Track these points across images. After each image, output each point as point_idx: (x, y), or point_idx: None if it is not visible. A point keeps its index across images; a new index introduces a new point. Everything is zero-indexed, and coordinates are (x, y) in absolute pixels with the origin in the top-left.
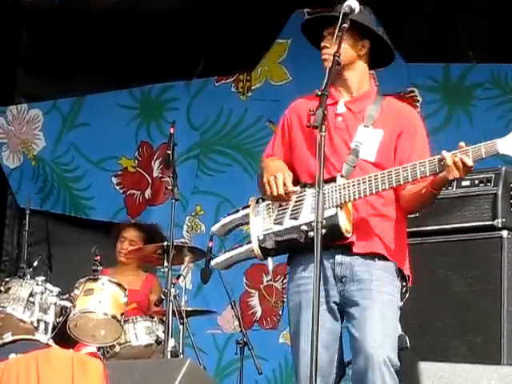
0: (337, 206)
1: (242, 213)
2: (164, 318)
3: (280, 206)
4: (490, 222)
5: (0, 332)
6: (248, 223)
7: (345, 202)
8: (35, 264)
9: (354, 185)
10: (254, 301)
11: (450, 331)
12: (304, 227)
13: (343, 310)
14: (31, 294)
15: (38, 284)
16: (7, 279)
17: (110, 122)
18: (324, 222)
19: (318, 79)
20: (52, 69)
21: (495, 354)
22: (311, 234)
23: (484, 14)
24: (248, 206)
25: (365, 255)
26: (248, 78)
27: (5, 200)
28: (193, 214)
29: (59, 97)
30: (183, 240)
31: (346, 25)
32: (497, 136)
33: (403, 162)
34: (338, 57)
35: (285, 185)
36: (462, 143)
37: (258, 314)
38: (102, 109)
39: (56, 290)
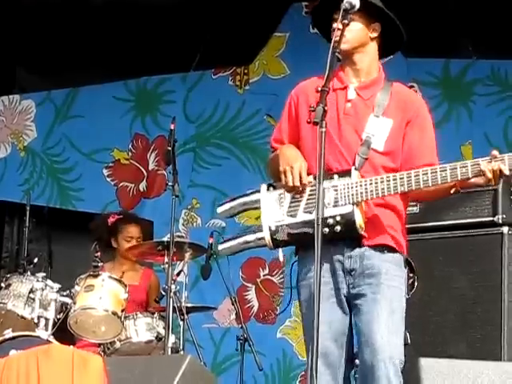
0: (353, 204)
1: (252, 197)
2: (164, 315)
3: (293, 196)
4: (491, 218)
5: (0, 328)
6: (256, 208)
7: (362, 200)
8: (35, 260)
9: (371, 183)
10: (251, 295)
11: (451, 327)
12: (330, 220)
13: (352, 302)
14: (31, 291)
15: (38, 280)
16: (7, 275)
17: (104, 114)
18: (340, 218)
19: (316, 73)
20: (47, 60)
21: (495, 350)
22: (326, 229)
23: (485, 9)
24: (257, 191)
25: (374, 247)
26: (245, 71)
27: None
28: (189, 207)
29: (53, 88)
30: (179, 233)
31: (346, 20)
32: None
33: (412, 150)
34: (339, 53)
35: (301, 176)
36: (495, 152)
37: (255, 309)
38: (97, 101)
39: (56, 286)
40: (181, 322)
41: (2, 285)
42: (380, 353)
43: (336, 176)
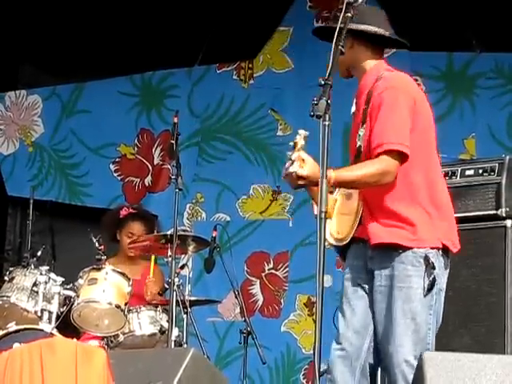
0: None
1: None
2: (168, 308)
3: None
4: (494, 212)
5: (4, 321)
6: None
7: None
8: (39, 253)
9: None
10: (256, 289)
11: (454, 321)
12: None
13: (373, 302)
14: (35, 284)
15: (41, 273)
16: (11, 269)
17: (109, 109)
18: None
19: (320, 67)
20: (52, 56)
21: (499, 343)
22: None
23: (488, 2)
24: None
25: (386, 249)
26: (250, 65)
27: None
28: (193, 201)
29: (59, 83)
30: (184, 227)
31: (349, 14)
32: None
33: (369, 140)
34: (342, 46)
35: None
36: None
37: (260, 303)
38: (102, 96)
39: (60, 279)
40: (184, 316)
41: (6, 278)
42: (393, 357)
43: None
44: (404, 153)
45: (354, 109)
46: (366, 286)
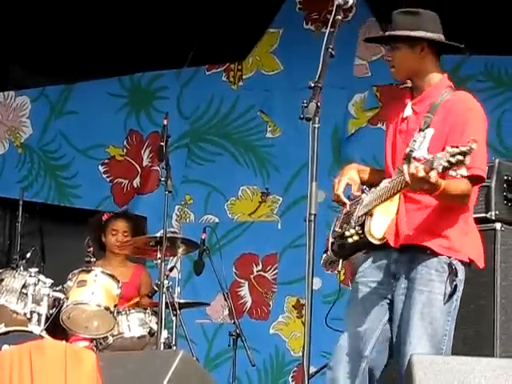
0: (365, 214)
1: None
2: (157, 310)
3: (347, 210)
4: (484, 215)
5: None
6: None
7: (371, 208)
8: (28, 255)
9: (378, 191)
10: (244, 291)
11: None
12: (346, 233)
13: (392, 305)
14: (24, 286)
15: (31, 275)
16: (0, 270)
17: (98, 110)
18: (358, 228)
19: (309, 69)
20: (42, 57)
21: (488, 346)
22: (349, 240)
23: (478, 5)
24: None
25: (415, 252)
26: (239, 67)
27: None
28: (182, 203)
29: (48, 84)
30: (173, 229)
31: (339, 16)
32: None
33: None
34: (332, 49)
35: (337, 189)
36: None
37: (248, 304)
38: (91, 97)
39: (49, 281)
40: (173, 318)
41: None
42: (404, 358)
43: (373, 189)
44: (483, 178)
45: (408, 113)
46: (383, 291)
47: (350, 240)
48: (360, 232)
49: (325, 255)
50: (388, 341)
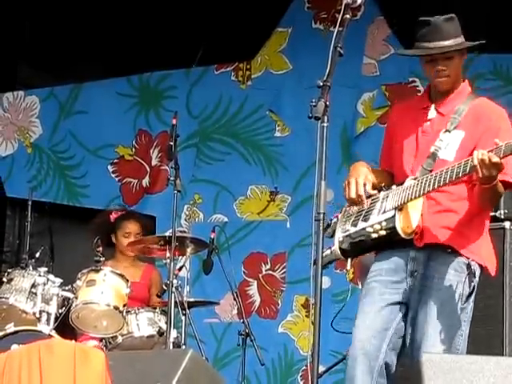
0: (395, 208)
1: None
2: (166, 309)
3: (359, 208)
4: (493, 213)
5: (2, 323)
6: None
7: (403, 203)
8: (37, 255)
9: (409, 188)
10: (253, 290)
11: None
12: (369, 229)
13: (408, 303)
14: (33, 285)
15: (40, 275)
16: (9, 270)
17: (107, 110)
18: (385, 223)
19: (318, 68)
20: (50, 56)
21: (497, 345)
22: (374, 235)
23: (486, 3)
24: None
25: (433, 250)
26: (248, 66)
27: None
28: (191, 202)
29: (57, 84)
30: (182, 229)
31: (348, 15)
32: None
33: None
34: (341, 48)
35: (357, 189)
36: (496, 140)
37: (257, 304)
38: (100, 96)
39: (58, 280)
40: (182, 317)
41: (4, 279)
42: (420, 354)
43: (394, 186)
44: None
45: (432, 115)
46: (398, 289)
47: (373, 235)
48: (391, 226)
49: (324, 254)
50: (401, 338)
